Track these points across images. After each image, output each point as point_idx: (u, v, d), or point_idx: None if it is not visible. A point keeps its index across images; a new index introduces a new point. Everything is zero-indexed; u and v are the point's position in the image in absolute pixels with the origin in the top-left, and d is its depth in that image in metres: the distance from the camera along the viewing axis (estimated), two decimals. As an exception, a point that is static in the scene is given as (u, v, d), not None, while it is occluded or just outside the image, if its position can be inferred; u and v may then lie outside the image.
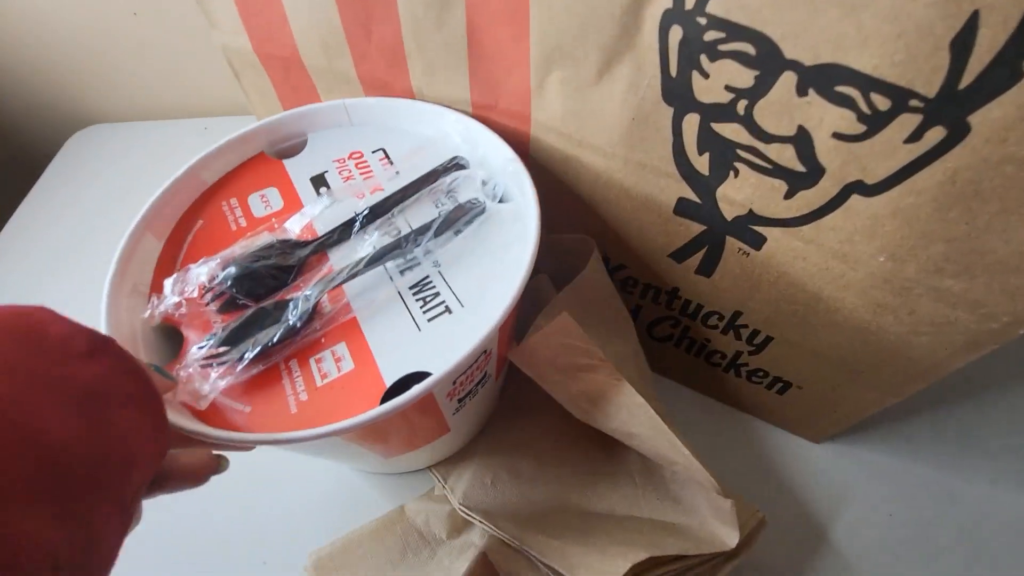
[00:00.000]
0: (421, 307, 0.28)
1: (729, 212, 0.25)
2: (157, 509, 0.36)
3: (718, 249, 0.28)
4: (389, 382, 0.25)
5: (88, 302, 0.26)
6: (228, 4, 0.33)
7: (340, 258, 0.30)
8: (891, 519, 0.34)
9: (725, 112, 0.21)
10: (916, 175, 0.18)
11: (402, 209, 0.31)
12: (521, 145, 0.31)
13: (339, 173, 0.33)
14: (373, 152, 0.34)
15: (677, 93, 0.22)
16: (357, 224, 0.30)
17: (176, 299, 0.27)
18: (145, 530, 0.35)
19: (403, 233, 0.30)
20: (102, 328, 0.26)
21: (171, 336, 0.28)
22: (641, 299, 0.35)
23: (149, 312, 0.27)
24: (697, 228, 0.27)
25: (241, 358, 0.26)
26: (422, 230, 0.30)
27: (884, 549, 0.33)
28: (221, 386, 0.25)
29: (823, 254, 0.24)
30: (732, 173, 0.23)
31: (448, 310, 0.27)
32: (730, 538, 0.27)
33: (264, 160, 0.34)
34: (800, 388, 0.33)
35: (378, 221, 0.31)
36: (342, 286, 0.28)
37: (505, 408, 0.38)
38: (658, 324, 0.36)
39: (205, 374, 0.26)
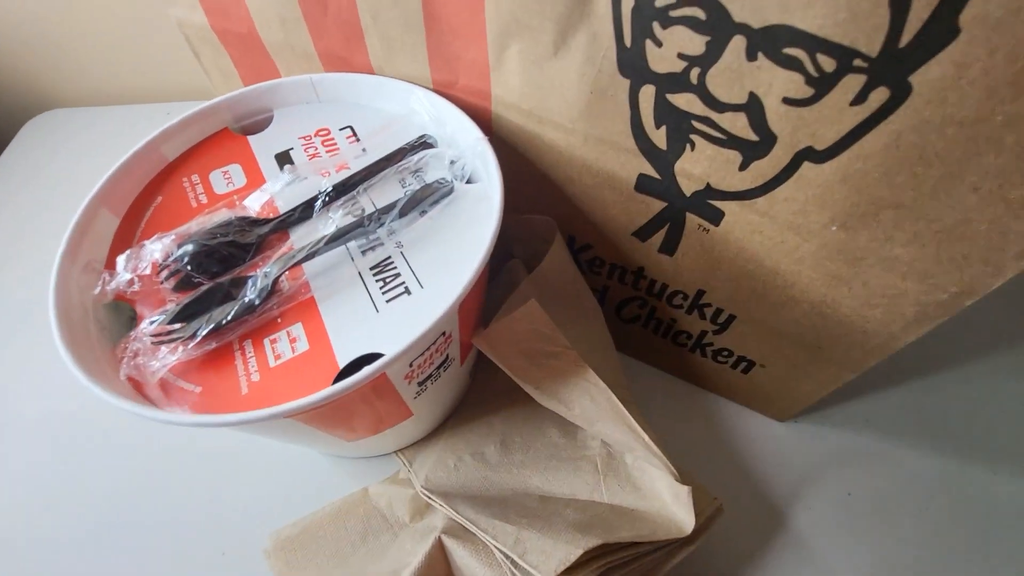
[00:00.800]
0: (381, 288, 0.27)
1: (688, 187, 0.25)
2: (109, 496, 0.36)
3: (679, 226, 0.28)
4: (342, 363, 0.25)
5: (43, 284, 0.25)
6: None
7: (301, 237, 0.29)
8: (850, 498, 0.34)
9: (679, 82, 0.21)
10: (863, 139, 0.18)
11: (367, 188, 0.31)
12: (483, 124, 0.30)
13: (305, 150, 0.33)
14: (340, 129, 0.33)
15: (632, 64, 0.22)
16: (320, 202, 0.30)
17: (129, 276, 0.27)
18: (96, 519, 0.35)
19: (367, 212, 0.29)
20: (49, 305, 0.25)
21: (127, 315, 0.28)
22: (608, 279, 0.35)
23: (100, 288, 0.26)
24: (658, 205, 0.27)
25: (193, 335, 0.25)
26: (386, 209, 0.29)
27: (843, 528, 0.33)
28: (171, 362, 0.25)
29: (778, 227, 0.24)
30: (689, 146, 0.23)
31: (407, 291, 0.27)
32: (686, 524, 0.26)
33: (228, 136, 0.33)
34: (763, 367, 0.33)
35: (342, 200, 0.30)
36: (302, 265, 0.28)
37: (474, 393, 0.37)
38: (626, 305, 0.36)
39: (155, 350, 0.25)
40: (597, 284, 0.36)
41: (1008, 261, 0.19)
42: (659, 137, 0.24)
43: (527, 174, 0.31)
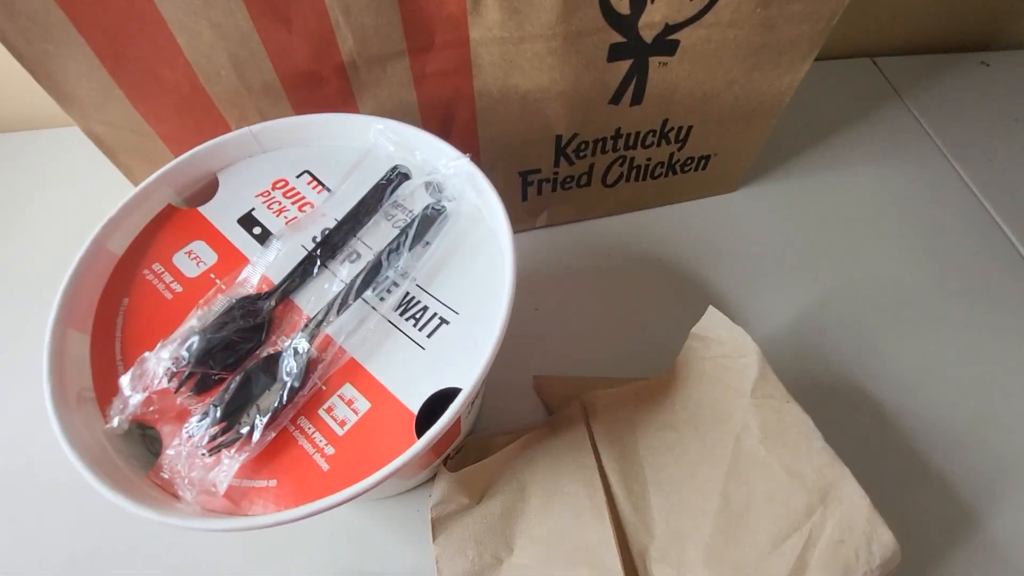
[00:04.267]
0: (414, 325, 0.27)
1: (649, 35, 0.33)
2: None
3: (643, 73, 0.35)
4: (415, 407, 0.25)
5: None
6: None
7: (310, 300, 0.28)
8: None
9: None
10: None
11: (357, 233, 0.30)
12: (463, 72, 0.34)
13: (268, 207, 0.30)
14: (298, 177, 0.31)
15: None
16: (318, 261, 0.29)
17: (142, 395, 0.24)
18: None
19: (370, 259, 0.29)
20: (71, 459, 0.22)
21: (136, 434, 0.25)
22: (592, 156, 0.43)
23: (117, 421, 0.23)
24: (626, 65, 0.35)
25: (252, 429, 0.24)
26: (392, 250, 0.29)
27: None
28: (235, 468, 0.23)
29: (721, 28, 0.33)
30: (649, 2, 0.31)
31: (445, 321, 0.27)
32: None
33: (175, 212, 0.30)
34: (716, 155, 0.45)
35: (339, 253, 0.29)
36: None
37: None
38: (609, 171, 0.44)
39: (212, 460, 0.23)
40: (583, 167, 0.43)
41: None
42: (623, 5, 0.31)
43: (512, 96, 0.36)
